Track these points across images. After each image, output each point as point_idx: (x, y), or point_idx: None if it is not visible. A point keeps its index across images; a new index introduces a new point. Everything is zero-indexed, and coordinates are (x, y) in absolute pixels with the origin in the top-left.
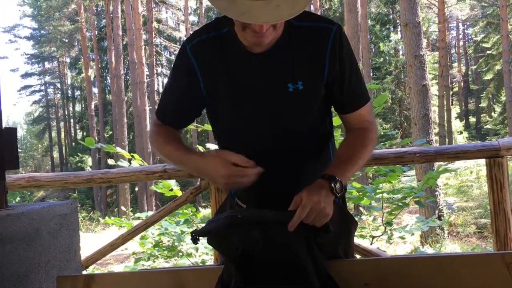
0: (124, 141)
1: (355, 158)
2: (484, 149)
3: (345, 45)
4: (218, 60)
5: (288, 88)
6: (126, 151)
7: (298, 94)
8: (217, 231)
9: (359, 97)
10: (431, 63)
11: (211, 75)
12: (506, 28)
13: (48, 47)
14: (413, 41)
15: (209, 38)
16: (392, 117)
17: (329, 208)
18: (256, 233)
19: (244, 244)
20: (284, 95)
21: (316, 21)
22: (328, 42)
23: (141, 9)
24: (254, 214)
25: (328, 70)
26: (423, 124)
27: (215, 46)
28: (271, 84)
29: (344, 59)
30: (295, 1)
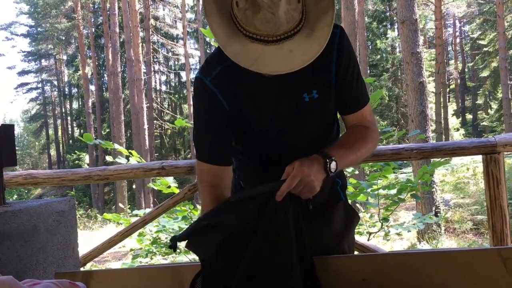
0: (122, 138)
1: (354, 147)
2: (480, 145)
3: (348, 46)
4: (237, 85)
5: (304, 98)
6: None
7: (314, 103)
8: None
9: (360, 98)
10: (428, 60)
11: (234, 101)
12: (502, 25)
13: (45, 45)
14: (410, 38)
15: (224, 68)
16: (389, 114)
17: (317, 182)
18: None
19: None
20: (301, 105)
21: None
22: (334, 47)
23: (138, 7)
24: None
25: (335, 72)
26: (420, 121)
27: (232, 74)
28: (288, 97)
29: (347, 60)
30: (307, 48)
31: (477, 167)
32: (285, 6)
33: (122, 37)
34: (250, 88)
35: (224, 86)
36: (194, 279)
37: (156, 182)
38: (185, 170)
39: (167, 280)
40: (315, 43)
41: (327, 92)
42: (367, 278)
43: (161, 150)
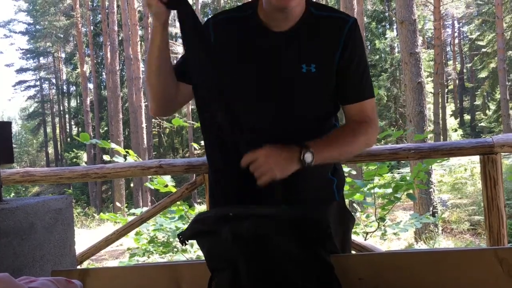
0: (120, 137)
1: (340, 142)
2: (478, 145)
3: (359, 38)
4: (237, 35)
5: (301, 68)
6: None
7: (311, 77)
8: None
9: (363, 89)
10: (426, 61)
11: (224, 47)
12: (501, 26)
13: (43, 42)
14: (409, 38)
15: (233, 17)
16: (387, 114)
17: (278, 170)
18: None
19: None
20: (296, 75)
21: (335, 12)
22: (344, 30)
23: (137, 5)
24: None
25: (340, 54)
26: (418, 121)
27: (237, 24)
28: (286, 62)
29: (356, 48)
30: None
31: (475, 167)
32: None
33: (120, 35)
34: (249, 41)
35: (221, 31)
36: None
37: (153, 181)
38: (183, 169)
39: (164, 279)
40: None
41: (328, 71)
42: (363, 277)
43: (159, 149)
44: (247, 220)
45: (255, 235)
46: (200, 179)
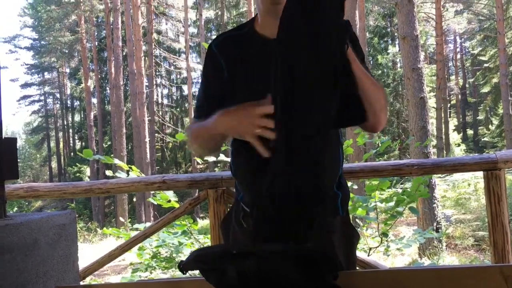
0: (123, 151)
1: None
2: (481, 161)
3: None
4: (238, 51)
5: None
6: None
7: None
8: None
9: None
10: (429, 76)
11: (232, 64)
12: (503, 42)
13: (48, 58)
14: (411, 54)
15: (231, 35)
16: (390, 129)
17: None
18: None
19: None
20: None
21: None
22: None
23: (141, 21)
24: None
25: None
26: (421, 136)
27: (236, 41)
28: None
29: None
30: None
31: (478, 182)
32: None
33: (125, 51)
34: (249, 55)
35: (225, 50)
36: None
37: (156, 196)
38: (186, 184)
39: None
40: None
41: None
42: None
43: (162, 163)
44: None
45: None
46: (203, 195)
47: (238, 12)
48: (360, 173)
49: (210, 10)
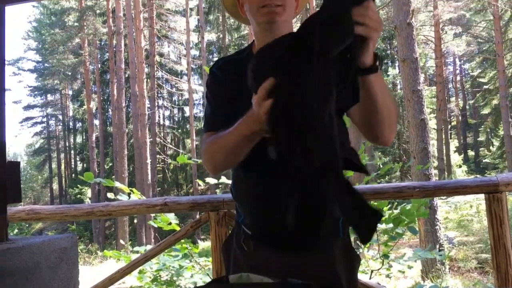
0: (124, 173)
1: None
2: (483, 184)
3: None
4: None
5: None
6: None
7: None
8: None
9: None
10: (429, 97)
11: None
12: (502, 64)
13: (51, 80)
14: (411, 76)
15: (231, 59)
16: (391, 150)
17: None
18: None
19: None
20: None
21: None
22: None
23: (144, 43)
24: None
25: None
26: (422, 158)
27: (236, 64)
28: None
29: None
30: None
31: (481, 204)
32: None
33: (127, 73)
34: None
35: (225, 71)
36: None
37: (156, 219)
38: (188, 207)
39: None
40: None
41: None
42: None
43: (163, 185)
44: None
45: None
46: (204, 217)
47: (239, 34)
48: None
49: (212, 33)
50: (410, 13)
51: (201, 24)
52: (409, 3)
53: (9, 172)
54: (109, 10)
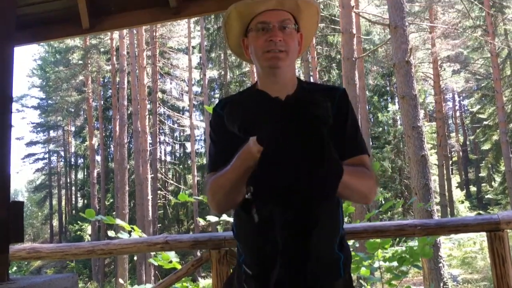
0: (125, 209)
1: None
2: (484, 222)
3: (349, 102)
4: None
5: None
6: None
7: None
8: None
9: (361, 144)
10: (429, 133)
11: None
12: (501, 100)
13: (54, 116)
14: (410, 112)
15: (234, 98)
16: (393, 186)
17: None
18: None
19: None
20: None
21: (325, 85)
22: (335, 96)
23: (147, 81)
24: None
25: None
26: (424, 194)
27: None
28: None
29: (348, 111)
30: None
31: (484, 241)
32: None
33: (129, 109)
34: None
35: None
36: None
37: (157, 257)
38: (189, 245)
39: None
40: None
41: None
42: None
43: (164, 221)
44: None
45: None
46: (206, 255)
47: (241, 71)
48: (364, 233)
49: (213, 70)
50: (408, 51)
51: (203, 61)
52: (407, 42)
53: (12, 212)
54: (113, 48)
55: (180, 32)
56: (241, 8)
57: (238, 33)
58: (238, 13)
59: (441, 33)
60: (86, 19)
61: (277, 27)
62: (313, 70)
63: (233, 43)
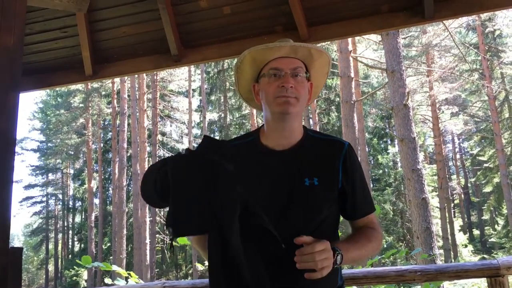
0: (122, 253)
1: (359, 245)
2: (484, 268)
3: (355, 160)
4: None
5: (305, 182)
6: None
7: (314, 189)
8: None
9: (369, 204)
10: (430, 175)
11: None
12: (500, 143)
13: (54, 159)
14: (410, 155)
15: (238, 144)
16: (395, 229)
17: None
18: None
19: None
20: (300, 188)
21: (331, 136)
22: (341, 154)
23: (147, 123)
24: None
25: (341, 177)
26: (426, 238)
27: (243, 149)
28: (290, 178)
29: (354, 171)
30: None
31: None
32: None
33: (129, 152)
34: (255, 162)
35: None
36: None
37: None
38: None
39: None
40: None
41: (330, 184)
42: None
43: (162, 266)
44: None
45: None
46: None
47: (240, 114)
48: (363, 279)
49: (213, 112)
50: (406, 95)
51: (203, 104)
52: (405, 86)
53: (11, 260)
54: (114, 91)
55: (181, 76)
56: (255, 53)
57: (250, 78)
58: (252, 58)
59: (438, 77)
60: (90, 66)
61: (289, 74)
62: (313, 112)
63: (244, 88)
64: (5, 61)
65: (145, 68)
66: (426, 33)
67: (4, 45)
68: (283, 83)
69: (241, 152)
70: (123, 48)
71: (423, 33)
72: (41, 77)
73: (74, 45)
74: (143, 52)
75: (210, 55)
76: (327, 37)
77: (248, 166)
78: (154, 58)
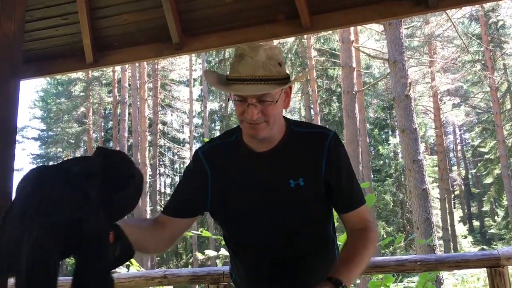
0: None
1: (357, 260)
2: (484, 258)
3: (341, 151)
4: (226, 161)
5: (290, 184)
6: None
7: (299, 190)
8: None
9: (357, 198)
10: (431, 167)
11: (220, 175)
12: (501, 134)
13: (54, 148)
14: (411, 146)
15: (219, 144)
16: (395, 219)
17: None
18: None
19: None
20: (286, 190)
21: (315, 128)
22: (325, 145)
23: (148, 112)
24: None
25: (324, 170)
26: (425, 228)
27: (224, 150)
28: (274, 180)
29: (340, 162)
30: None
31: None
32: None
33: (130, 141)
34: (238, 166)
35: (213, 159)
36: None
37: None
38: (188, 279)
39: None
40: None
41: (315, 183)
42: None
43: (163, 255)
44: None
45: None
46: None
47: None
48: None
49: (214, 102)
50: (408, 85)
51: (204, 93)
52: (407, 76)
53: None
54: (115, 80)
55: (182, 65)
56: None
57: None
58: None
59: (440, 67)
60: (90, 54)
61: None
62: (314, 103)
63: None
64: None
65: (146, 56)
66: (429, 24)
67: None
68: (247, 114)
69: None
70: (124, 36)
71: (426, 24)
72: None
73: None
74: (144, 40)
75: (212, 43)
76: (330, 26)
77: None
78: (155, 46)
